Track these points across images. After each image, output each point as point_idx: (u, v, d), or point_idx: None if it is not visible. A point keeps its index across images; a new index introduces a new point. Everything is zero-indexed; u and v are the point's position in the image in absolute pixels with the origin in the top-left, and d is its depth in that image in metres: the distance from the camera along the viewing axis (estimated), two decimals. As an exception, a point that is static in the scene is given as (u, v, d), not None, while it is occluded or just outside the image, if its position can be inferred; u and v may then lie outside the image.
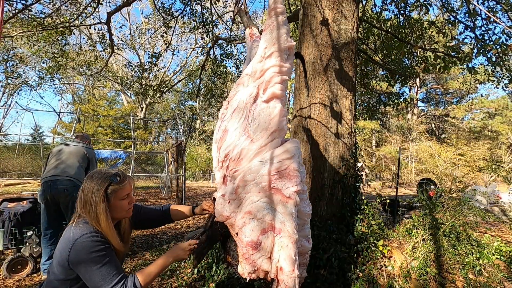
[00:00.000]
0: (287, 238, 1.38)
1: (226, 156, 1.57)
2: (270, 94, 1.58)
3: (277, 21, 1.64)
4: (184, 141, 8.75)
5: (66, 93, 27.84)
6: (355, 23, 3.27)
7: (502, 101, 24.03)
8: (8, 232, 2.88)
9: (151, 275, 1.33)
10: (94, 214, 1.22)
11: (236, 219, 1.47)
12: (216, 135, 1.68)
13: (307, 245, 1.58)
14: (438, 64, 5.27)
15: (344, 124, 3.14)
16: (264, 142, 1.52)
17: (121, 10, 8.13)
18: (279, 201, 1.44)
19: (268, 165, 1.47)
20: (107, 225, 1.24)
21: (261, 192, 1.45)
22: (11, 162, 14.41)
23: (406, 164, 22.63)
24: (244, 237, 1.42)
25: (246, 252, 1.41)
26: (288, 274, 1.34)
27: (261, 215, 1.41)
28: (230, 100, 1.72)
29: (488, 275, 2.67)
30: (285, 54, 1.64)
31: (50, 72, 8.61)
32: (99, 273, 1.17)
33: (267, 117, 1.54)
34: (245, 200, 1.48)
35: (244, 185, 1.48)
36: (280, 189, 1.44)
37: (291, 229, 1.39)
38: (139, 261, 3.47)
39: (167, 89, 19.46)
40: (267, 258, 1.39)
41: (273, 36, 1.62)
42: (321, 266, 2.52)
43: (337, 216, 3.00)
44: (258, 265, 1.39)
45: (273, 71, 1.59)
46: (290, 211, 1.41)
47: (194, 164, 21.97)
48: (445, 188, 3.51)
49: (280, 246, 1.38)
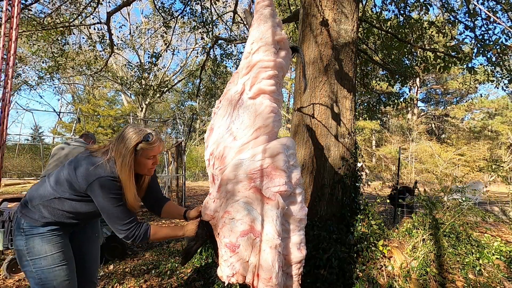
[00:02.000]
0: (265, 242, 1.27)
1: (211, 154, 1.54)
2: (257, 90, 1.51)
3: (263, 14, 1.58)
4: (184, 141, 8.74)
5: (66, 93, 27.86)
6: (355, 23, 3.27)
7: (502, 101, 24.03)
8: (8, 232, 2.87)
9: (161, 233, 1.42)
10: (120, 162, 1.32)
11: (218, 218, 1.41)
12: (206, 134, 1.69)
13: (297, 254, 1.40)
14: (438, 64, 5.27)
15: (344, 124, 3.14)
16: (247, 139, 1.44)
17: (121, 10, 8.13)
18: (259, 202, 1.33)
19: (250, 163, 1.38)
20: (128, 177, 1.33)
21: (241, 192, 1.36)
22: (11, 162, 14.39)
23: (406, 164, 22.62)
24: (222, 238, 1.35)
25: (225, 254, 1.34)
26: (264, 282, 1.24)
27: (240, 215, 1.32)
28: (221, 99, 1.69)
29: (488, 275, 2.67)
30: (274, 47, 1.56)
31: (49, 71, 8.60)
32: (116, 211, 1.32)
33: (252, 114, 1.48)
34: (226, 200, 1.40)
35: (226, 183, 1.41)
36: (261, 189, 1.34)
37: (270, 233, 1.27)
38: (139, 261, 3.46)
39: (167, 89, 19.43)
40: (245, 262, 1.29)
41: (260, 30, 1.56)
42: (321, 266, 2.52)
43: (337, 216, 3.00)
44: (236, 269, 1.30)
45: (259, 66, 1.52)
46: (271, 213, 1.30)
47: (194, 164, 21.96)
48: (445, 188, 3.50)
49: (258, 250, 1.27)
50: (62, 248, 1.39)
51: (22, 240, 1.34)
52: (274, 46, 1.56)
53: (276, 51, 1.57)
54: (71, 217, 1.39)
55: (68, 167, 1.36)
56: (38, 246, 1.33)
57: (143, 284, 2.78)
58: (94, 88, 23.74)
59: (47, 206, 1.35)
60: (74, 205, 1.36)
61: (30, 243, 1.33)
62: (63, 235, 1.41)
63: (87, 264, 1.61)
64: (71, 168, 1.34)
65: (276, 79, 1.55)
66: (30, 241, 1.34)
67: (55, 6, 6.91)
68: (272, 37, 1.55)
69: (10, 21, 0.65)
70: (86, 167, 1.31)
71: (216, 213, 1.43)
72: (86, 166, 1.32)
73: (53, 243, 1.36)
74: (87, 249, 1.62)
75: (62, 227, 1.40)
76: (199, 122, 28.83)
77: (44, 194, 1.36)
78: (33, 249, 1.33)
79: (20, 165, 14.77)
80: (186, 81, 24.03)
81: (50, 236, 1.35)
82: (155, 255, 3.68)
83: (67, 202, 1.35)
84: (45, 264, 1.33)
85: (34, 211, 1.36)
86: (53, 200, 1.34)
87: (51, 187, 1.36)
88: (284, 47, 1.65)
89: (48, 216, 1.35)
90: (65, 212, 1.36)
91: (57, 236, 1.38)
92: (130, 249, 3.95)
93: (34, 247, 1.33)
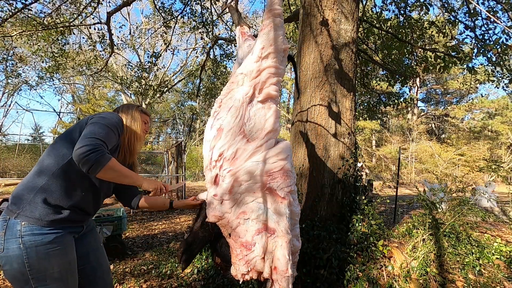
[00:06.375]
0: (281, 238, 1.38)
1: (221, 155, 1.55)
2: (266, 95, 1.59)
3: (274, 22, 1.64)
4: (184, 141, 8.74)
5: (66, 93, 27.84)
6: (355, 23, 3.27)
7: (502, 101, 24.03)
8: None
9: (121, 169, 1.23)
10: (130, 117, 1.47)
11: (230, 219, 1.46)
12: (209, 134, 1.63)
13: (297, 244, 1.60)
14: (438, 64, 5.27)
15: (344, 124, 3.14)
16: (260, 142, 1.52)
17: (121, 10, 8.13)
18: (273, 202, 1.44)
19: (264, 165, 1.48)
20: (137, 128, 1.48)
21: (256, 192, 1.45)
22: (11, 162, 14.39)
23: (406, 164, 22.64)
24: (238, 238, 1.42)
25: (240, 253, 1.41)
26: (282, 274, 1.35)
27: (255, 215, 1.42)
28: (223, 98, 1.69)
29: (488, 275, 2.67)
30: (280, 55, 1.65)
31: (50, 71, 8.60)
32: (97, 128, 1.22)
33: (262, 118, 1.55)
34: (239, 200, 1.47)
35: (239, 185, 1.47)
36: (275, 189, 1.44)
37: (284, 229, 1.39)
38: (139, 261, 3.46)
39: (167, 89, 19.42)
40: (261, 259, 1.40)
41: (270, 37, 1.62)
42: (321, 266, 2.52)
43: (337, 216, 3.00)
44: (252, 266, 1.40)
45: (269, 72, 1.60)
46: (284, 211, 1.42)
47: (194, 164, 21.97)
48: (445, 188, 3.50)
49: (274, 246, 1.39)
50: (70, 260, 1.22)
51: (20, 251, 1.10)
52: (280, 54, 1.65)
53: (282, 59, 1.66)
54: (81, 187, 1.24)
55: (60, 136, 1.31)
56: (44, 258, 1.12)
57: (143, 284, 2.78)
58: (94, 88, 23.74)
59: (46, 190, 1.17)
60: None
61: (33, 255, 1.11)
62: (70, 241, 1.24)
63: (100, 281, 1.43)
64: (68, 132, 1.30)
65: (279, 85, 1.66)
66: (33, 252, 1.11)
67: (55, 6, 6.91)
68: (281, 45, 1.63)
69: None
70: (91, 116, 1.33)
71: (226, 213, 1.47)
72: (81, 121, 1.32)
73: (60, 253, 1.17)
74: (97, 261, 1.44)
75: (70, 223, 1.24)
76: (199, 122, 28.83)
77: (46, 169, 1.19)
78: (36, 263, 1.11)
79: (20, 165, 14.76)
80: (186, 81, 24.03)
81: (56, 244, 1.16)
82: (155, 255, 3.68)
83: (74, 164, 1.16)
84: (50, 282, 1.14)
85: (35, 205, 1.14)
86: (58, 173, 1.19)
87: (50, 160, 1.21)
88: (285, 56, 1.74)
89: (54, 203, 1.17)
90: (74, 183, 1.22)
91: (64, 244, 1.20)
92: (130, 249, 3.95)
93: (38, 259, 1.11)
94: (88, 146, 1.12)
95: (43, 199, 1.16)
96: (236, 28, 2.19)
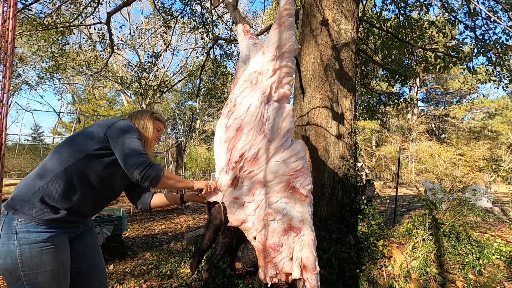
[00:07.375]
0: (307, 236, 1.38)
1: (241, 157, 1.46)
2: (282, 94, 1.59)
3: (288, 21, 1.64)
4: (184, 141, 8.75)
5: (66, 93, 27.85)
6: (355, 23, 3.27)
7: (502, 101, 24.02)
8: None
9: (175, 177, 1.38)
10: (142, 123, 1.46)
11: (254, 222, 1.41)
12: (226, 133, 1.52)
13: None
14: (438, 64, 5.26)
15: (344, 124, 3.14)
16: (280, 141, 1.51)
17: (121, 10, 8.13)
18: (297, 200, 1.44)
19: (287, 164, 1.47)
20: (148, 134, 1.46)
21: (280, 192, 1.45)
22: (11, 162, 14.38)
23: (406, 164, 22.63)
24: (265, 240, 1.39)
25: (268, 255, 1.38)
26: (311, 272, 1.35)
27: (281, 215, 1.41)
28: (237, 97, 1.60)
29: (488, 275, 2.67)
30: (292, 55, 1.65)
31: (50, 71, 8.61)
32: (132, 142, 1.27)
33: (280, 117, 1.55)
34: (263, 202, 1.43)
35: (263, 186, 1.44)
36: (298, 188, 1.45)
37: (309, 227, 1.39)
38: (139, 261, 3.46)
39: (167, 89, 19.41)
40: (289, 259, 1.38)
41: (285, 37, 1.61)
42: (321, 266, 2.51)
43: (337, 216, 3.00)
44: (280, 267, 1.37)
45: (284, 71, 1.60)
46: (308, 209, 1.43)
47: (194, 164, 21.95)
48: (445, 188, 3.50)
49: (301, 245, 1.38)
50: (63, 260, 1.23)
51: (14, 247, 1.11)
52: (293, 54, 1.66)
53: (293, 59, 1.67)
54: (84, 190, 1.26)
55: (65, 141, 1.32)
56: (36, 256, 1.13)
57: (143, 284, 2.77)
58: (94, 88, 23.75)
59: (46, 191, 1.18)
60: (86, 170, 1.24)
61: (26, 252, 1.12)
62: (65, 241, 1.24)
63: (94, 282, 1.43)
64: (72, 136, 1.31)
65: (290, 85, 1.66)
66: (26, 249, 1.12)
67: (55, 6, 6.91)
68: (294, 45, 1.63)
69: (6, 23, 0.65)
70: (98, 122, 1.33)
71: (249, 216, 1.43)
72: (97, 122, 1.33)
73: (54, 252, 1.18)
74: (93, 261, 1.44)
75: (66, 224, 1.25)
76: (199, 122, 28.84)
77: (48, 170, 1.21)
78: (29, 260, 1.12)
79: (20, 165, 14.75)
80: (186, 81, 24.03)
81: (50, 242, 1.18)
82: (155, 255, 3.68)
83: (78, 168, 1.22)
84: (41, 280, 1.14)
85: (33, 203, 1.15)
86: (60, 175, 1.20)
87: (53, 162, 1.23)
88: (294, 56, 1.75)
89: (52, 204, 1.18)
90: (75, 187, 1.23)
91: (58, 243, 1.20)
92: (130, 249, 3.95)
93: (31, 257, 1.12)
94: (142, 166, 1.23)
95: (41, 199, 1.18)
96: (237, 26, 2.11)
